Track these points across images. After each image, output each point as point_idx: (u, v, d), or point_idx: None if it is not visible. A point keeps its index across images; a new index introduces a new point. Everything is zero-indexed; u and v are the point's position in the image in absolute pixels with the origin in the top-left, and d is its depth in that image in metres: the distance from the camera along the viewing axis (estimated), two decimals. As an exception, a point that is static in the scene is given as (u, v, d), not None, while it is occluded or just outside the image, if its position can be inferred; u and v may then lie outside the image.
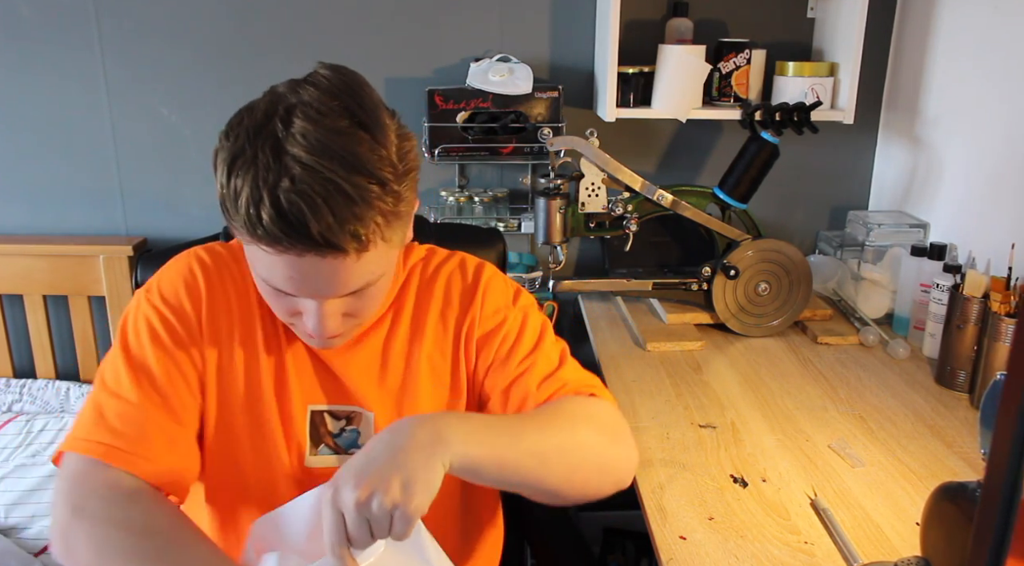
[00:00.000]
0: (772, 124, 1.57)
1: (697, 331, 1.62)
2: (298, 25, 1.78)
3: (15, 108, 1.80)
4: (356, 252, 0.78)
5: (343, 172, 0.75)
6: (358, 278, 0.82)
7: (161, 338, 0.92)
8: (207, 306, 0.94)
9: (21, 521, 1.62)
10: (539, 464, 0.85)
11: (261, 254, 0.79)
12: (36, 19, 1.75)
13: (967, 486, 0.81)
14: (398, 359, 0.98)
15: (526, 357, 0.97)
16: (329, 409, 0.97)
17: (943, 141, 1.69)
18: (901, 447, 1.22)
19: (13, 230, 1.87)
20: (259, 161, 0.76)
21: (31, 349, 1.88)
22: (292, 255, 0.77)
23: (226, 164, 0.78)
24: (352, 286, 0.82)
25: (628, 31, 1.77)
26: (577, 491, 0.90)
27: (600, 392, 0.97)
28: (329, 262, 0.78)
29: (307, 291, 0.82)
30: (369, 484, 0.71)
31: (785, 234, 1.93)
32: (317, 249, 0.76)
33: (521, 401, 0.95)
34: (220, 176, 0.79)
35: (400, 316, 0.99)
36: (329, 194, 0.74)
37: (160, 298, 0.94)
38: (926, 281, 1.52)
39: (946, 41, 1.67)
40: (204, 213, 1.88)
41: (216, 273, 0.96)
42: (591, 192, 1.58)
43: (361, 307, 0.87)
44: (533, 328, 1.00)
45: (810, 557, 0.97)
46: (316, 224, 0.74)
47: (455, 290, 1.01)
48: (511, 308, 1.01)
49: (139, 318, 0.93)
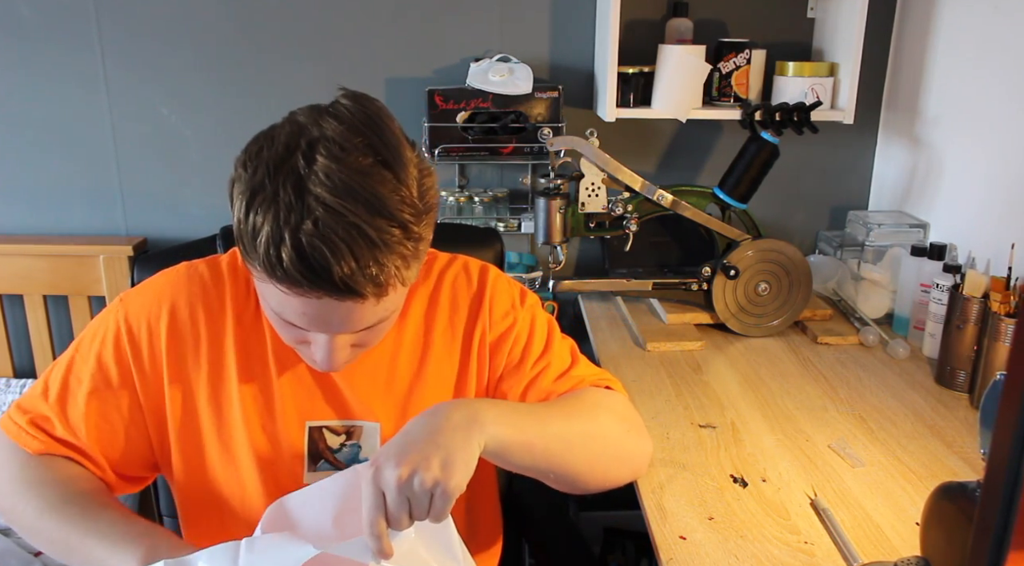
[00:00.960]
0: (772, 124, 1.57)
1: (697, 331, 1.62)
2: (298, 25, 1.78)
3: (15, 108, 1.80)
4: (374, 297, 0.78)
5: (366, 215, 0.74)
6: (372, 318, 0.82)
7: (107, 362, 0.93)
8: (168, 337, 0.94)
9: (21, 521, 1.62)
10: (565, 450, 0.88)
11: (275, 291, 0.78)
12: (36, 19, 1.75)
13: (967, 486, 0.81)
14: (405, 367, 0.98)
15: (539, 358, 0.99)
16: (329, 424, 0.96)
17: (943, 141, 1.69)
18: (901, 447, 1.22)
19: (13, 230, 1.87)
20: (280, 199, 0.74)
21: (31, 349, 1.88)
22: (310, 298, 0.77)
23: (244, 198, 0.76)
24: (365, 324, 0.83)
25: (628, 31, 1.77)
26: (598, 479, 0.93)
27: (615, 385, 1.00)
28: (346, 305, 0.78)
29: (320, 328, 0.82)
30: (410, 462, 0.72)
31: (785, 234, 1.93)
32: (336, 294, 0.76)
33: (543, 398, 0.97)
34: (238, 210, 0.77)
35: (405, 323, 0.99)
36: (352, 239, 0.73)
37: (125, 320, 0.95)
38: (926, 281, 1.52)
39: (946, 41, 1.67)
40: (204, 213, 1.88)
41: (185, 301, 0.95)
42: (591, 192, 1.58)
43: (370, 339, 0.88)
44: (542, 328, 1.02)
45: (810, 557, 0.97)
46: (338, 270, 0.73)
47: (461, 296, 1.01)
48: (519, 309, 1.02)
49: (100, 329, 0.95)
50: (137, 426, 0.94)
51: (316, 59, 1.80)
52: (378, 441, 0.96)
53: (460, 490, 0.74)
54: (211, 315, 0.95)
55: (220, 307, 0.96)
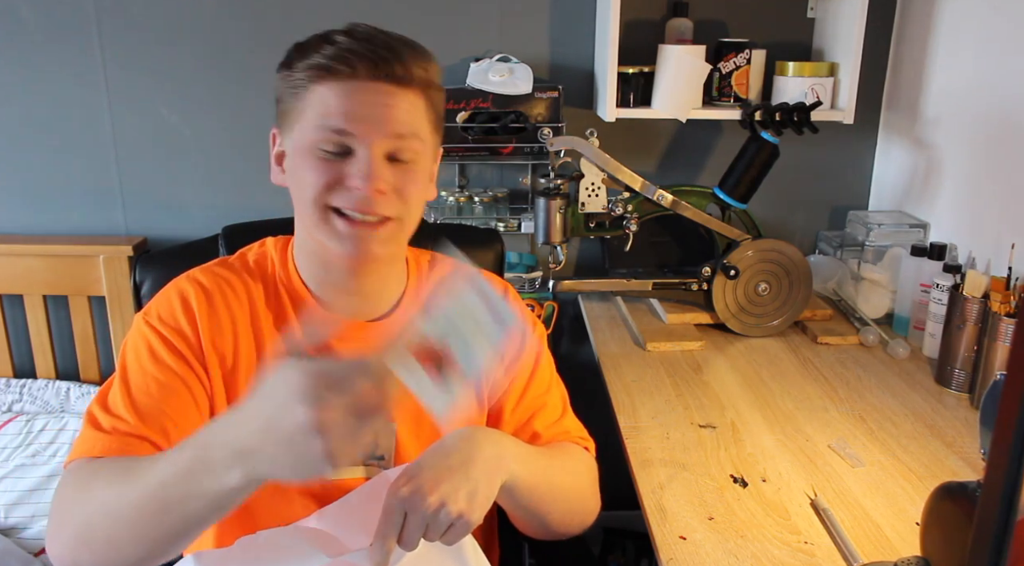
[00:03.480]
0: (772, 124, 1.57)
1: (697, 331, 1.62)
2: (298, 25, 1.77)
3: (15, 108, 1.80)
4: (412, 86, 0.87)
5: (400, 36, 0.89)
6: (403, 123, 0.87)
7: (161, 357, 0.90)
8: (206, 328, 0.92)
9: (21, 521, 1.62)
10: (553, 499, 0.94)
11: (321, 96, 0.86)
12: (36, 20, 1.75)
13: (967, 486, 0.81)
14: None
15: (541, 394, 1.04)
16: None
17: (943, 141, 1.69)
18: (901, 447, 1.22)
19: (13, 230, 1.87)
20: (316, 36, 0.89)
21: (31, 349, 1.88)
22: (356, 82, 0.85)
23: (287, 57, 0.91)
24: (399, 124, 0.87)
25: (628, 31, 1.77)
26: (560, 530, 1.00)
27: (590, 445, 1.06)
28: (386, 90, 0.86)
29: (364, 122, 0.86)
30: (441, 493, 0.75)
31: (785, 234, 1.93)
32: (383, 64, 0.85)
33: (530, 438, 1.01)
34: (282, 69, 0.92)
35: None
36: (390, 34, 0.89)
37: (158, 320, 0.92)
38: (926, 281, 1.52)
39: (946, 41, 1.67)
40: (204, 213, 1.88)
41: (218, 292, 0.95)
42: (591, 192, 1.58)
43: (402, 183, 0.89)
44: (546, 366, 1.07)
45: (810, 557, 0.97)
46: (383, 39, 0.87)
47: None
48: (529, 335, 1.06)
49: (138, 341, 0.92)
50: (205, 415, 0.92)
51: (316, 59, 1.79)
52: (394, 440, 0.97)
53: (478, 523, 0.77)
54: (240, 304, 0.95)
55: (246, 297, 0.96)
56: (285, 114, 0.91)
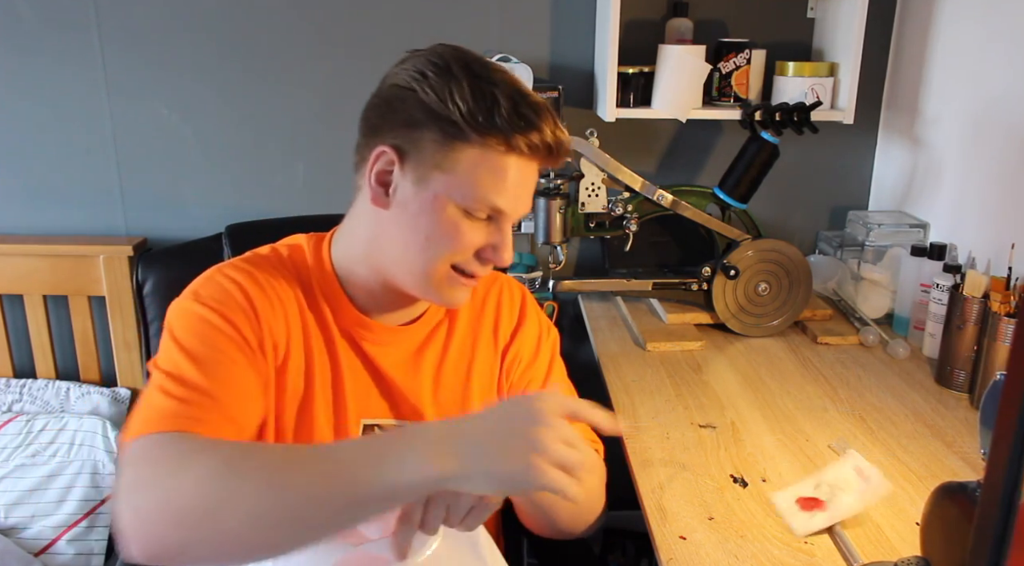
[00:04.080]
0: (772, 124, 1.57)
1: (697, 331, 1.62)
2: (298, 25, 1.78)
3: (16, 108, 1.80)
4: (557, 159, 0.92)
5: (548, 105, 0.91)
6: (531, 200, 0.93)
7: (224, 331, 0.85)
8: (265, 317, 0.89)
9: (21, 521, 1.62)
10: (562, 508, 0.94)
11: (488, 164, 0.86)
12: (36, 19, 1.75)
13: (967, 486, 0.81)
14: (451, 374, 1.02)
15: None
16: (381, 423, 0.98)
17: (943, 141, 1.69)
18: (901, 447, 1.22)
19: (13, 230, 1.87)
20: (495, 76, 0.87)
21: (31, 349, 1.88)
22: (524, 159, 0.87)
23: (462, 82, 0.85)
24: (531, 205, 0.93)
25: (628, 31, 1.77)
26: (570, 528, 1.00)
27: (600, 448, 1.05)
28: (537, 169, 0.91)
29: (519, 203, 0.90)
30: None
31: (785, 234, 1.93)
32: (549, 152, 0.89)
33: None
34: (456, 96, 0.84)
35: (453, 332, 1.03)
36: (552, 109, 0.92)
37: (215, 301, 0.87)
38: (926, 281, 1.52)
39: (946, 41, 1.67)
40: (204, 213, 1.88)
41: (268, 283, 0.92)
42: (591, 192, 1.58)
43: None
44: (559, 368, 1.08)
45: (810, 557, 0.97)
46: (551, 123, 0.89)
47: (505, 316, 1.06)
48: (545, 340, 1.08)
49: (192, 319, 0.86)
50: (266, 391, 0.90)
51: (316, 59, 1.79)
52: None
53: (498, 507, 0.77)
54: (285, 292, 0.93)
55: (290, 291, 0.94)
56: (424, 149, 0.85)
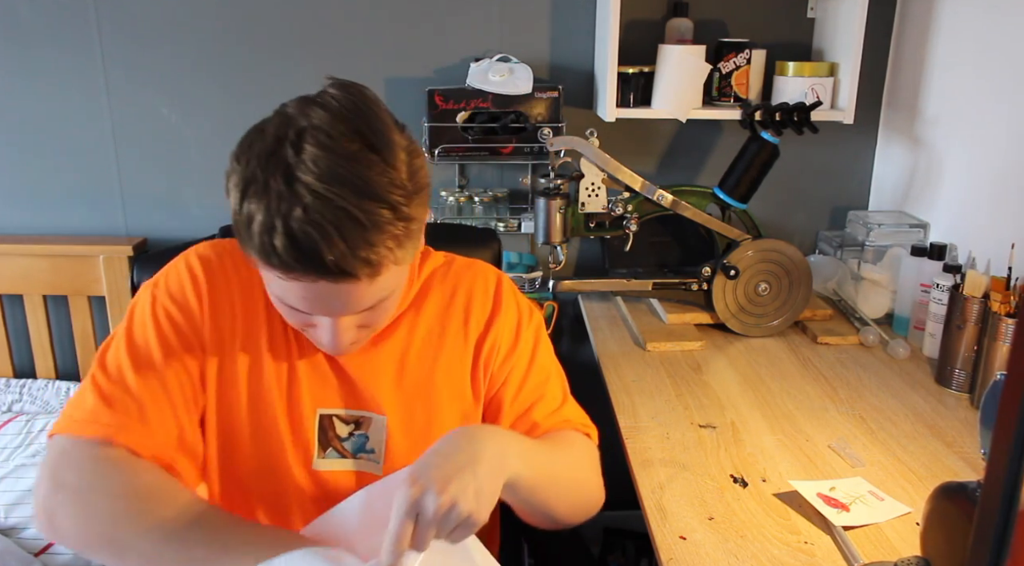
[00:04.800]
0: (772, 124, 1.57)
1: (697, 331, 1.62)
2: (298, 25, 1.78)
3: (15, 108, 1.80)
4: (368, 277, 0.79)
5: (354, 199, 0.75)
6: (370, 298, 0.83)
7: (165, 332, 0.92)
8: (210, 306, 0.95)
9: (21, 521, 1.62)
10: (556, 492, 0.93)
11: (274, 277, 0.80)
12: (36, 19, 1.75)
13: (967, 486, 0.81)
14: (416, 365, 1.00)
15: (541, 384, 1.03)
16: (339, 413, 0.97)
17: (943, 141, 1.69)
18: (901, 447, 1.22)
19: (13, 230, 1.87)
20: (271, 189, 0.76)
21: (31, 349, 1.88)
22: (306, 281, 0.78)
23: (239, 189, 0.79)
24: (364, 305, 0.84)
25: (628, 31, 1.77)
26: (568, 519, 0.99)
27: (592, 432, 1.04)
28: (342, 286, 0.79)
29: (320, 311, 0.83)
30: (451, 492, 0.74)
31: (785, 234, 1.93)
32: (330, 276, 0.77)
33: (530, 428, 1.00)
34: (233, 201, 0.80)
35: (418, 322, 1.01)
36: (341, 222, 0.74)
37: (166, 293, 0.95)
38: (926, 281, 1.52)
39: (946, 41, 1.67)
40: (204, 213, 1.88)
41: (221, 273, 0.96)
42: (591, 192, 1.58)
43: (374, 319, 0.89)
44: (545, 350, 1.06)
45: (810, 557, 0.97)
46: (328, 253, 0.75)
47: (478, 304, 1.03)
48: (526, 325, 1.05)
49: (144, 311, 0.94)
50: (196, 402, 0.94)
51: (316, 59, 1.79)
52: (385, 434, 0.97)
53: (484, 522, 0.77)
54: (242, 286, 0.97)
55: (249, 280, 0.97)
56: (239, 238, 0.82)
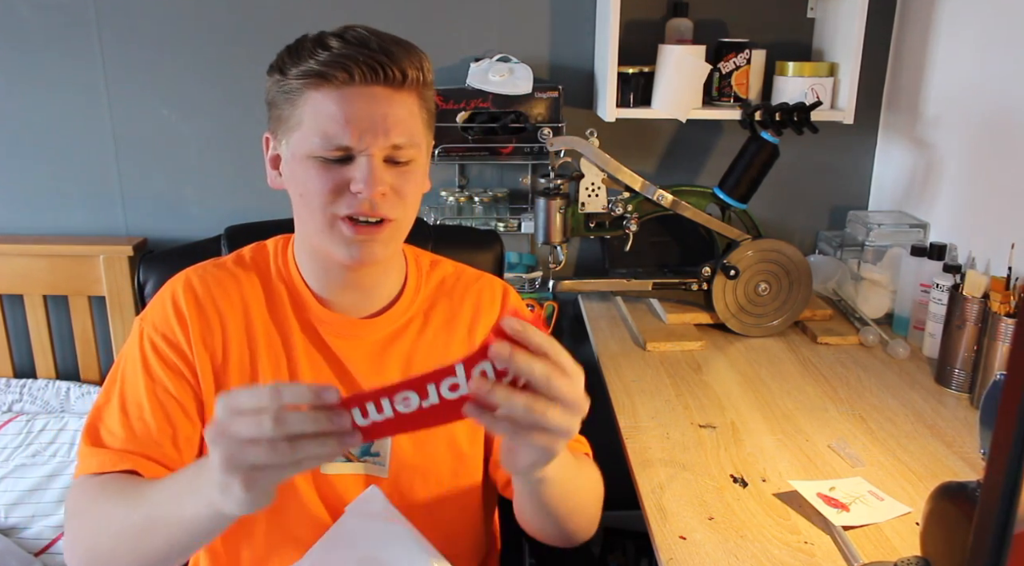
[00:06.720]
0: (772, 124, 1.57)
1: (697, 331, 1.62)
2: (298, 26, 1.77)
3: (16, 109, 1.80)
4: (407, 88, 0.88)
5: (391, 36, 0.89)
6: (402, 125, 0.88)
7: (153, 368, 0.94)
8: (196, 329, 0.95)
9: (21, 521, 1.62)
10: (576, 502, 0.93)
11: (320, 104, 0.86)
12: (36, 20, 1.75)
13: (967, 486, 0.81)
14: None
15: None
16: None
17: (943, 141, 1.69)
18: (901, 447, 1.22)
19: (13, 230, 1.87)
20: (307, 39, 0.90)
21: (31, 349, 1.88)
22: (352, 87, 0.85)
23: (275, 66, 0.91)
24: (397, 131, 0.87)
25: (628, 31, 1.77)
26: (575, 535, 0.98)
27: (589, 452, 1.05)
28: (383, 94, 0.86)
29: (363, 130, 0.86)
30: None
31: (785, 234, 1.93)
32: (379, 68, 0.85)
33: None
34: (274, 73, 0.91)
35: (425, 329, 1.02)
36: (383, 34, 0.89)
37: (152, 327, 0.96)
38: (926, 281, 1.52)
39: (946, 41, 1.67)
40: (204, 213, 1.88)
41: (206, 292, 0.97)
42: (591, 192, 1.58)
43: (401, 185, 0.90)
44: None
45: (810, 557, 0.97)
46: (377, 42, 0.87)
47: (485, 316, 1.04)
48: None
49: (134, 349, 0.96)
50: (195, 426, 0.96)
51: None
52: (389, 440, 0.98)
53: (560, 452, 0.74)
54: (231, 304, 0.98)
55: (238, 295, 0.98)
56: (280, 119, 0.91)
